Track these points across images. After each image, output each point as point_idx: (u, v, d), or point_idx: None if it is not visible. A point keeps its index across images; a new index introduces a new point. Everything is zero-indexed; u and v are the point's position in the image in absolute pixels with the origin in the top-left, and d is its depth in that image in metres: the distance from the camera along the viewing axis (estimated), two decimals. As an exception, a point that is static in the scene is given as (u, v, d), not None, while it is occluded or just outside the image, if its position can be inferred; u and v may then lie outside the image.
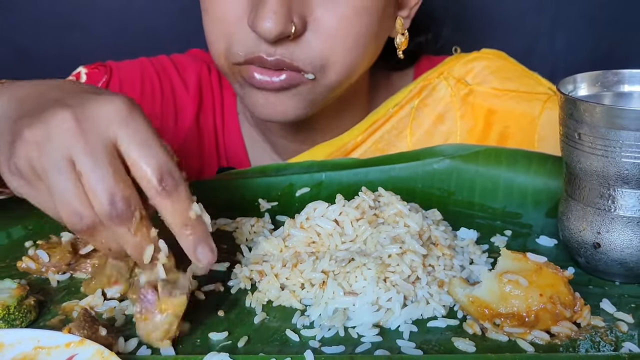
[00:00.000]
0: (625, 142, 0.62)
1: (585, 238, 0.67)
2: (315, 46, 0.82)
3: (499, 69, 0.97)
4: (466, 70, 0.97)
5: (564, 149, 0.68)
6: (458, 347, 0.58)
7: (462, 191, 0.85)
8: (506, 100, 0.95)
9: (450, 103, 0.95)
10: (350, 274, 0.64)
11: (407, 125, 0.95)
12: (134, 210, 0.56)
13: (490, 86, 0.96)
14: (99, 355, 0.52)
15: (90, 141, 0.55)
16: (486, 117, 0.95)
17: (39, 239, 0.75)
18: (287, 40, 0.81)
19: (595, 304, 0.63)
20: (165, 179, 0.56)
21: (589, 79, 0.71)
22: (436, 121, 0.95)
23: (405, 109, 0.96)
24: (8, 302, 0.63)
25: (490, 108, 0.95)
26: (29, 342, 0.54)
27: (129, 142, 0.56)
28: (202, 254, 0.57)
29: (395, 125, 0.95)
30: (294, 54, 0.82)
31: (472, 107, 0.95)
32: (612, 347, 0.57)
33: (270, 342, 0.59)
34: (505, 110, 0.94)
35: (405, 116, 0.96)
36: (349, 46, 0.83)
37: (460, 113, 0.95)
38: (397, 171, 0.87)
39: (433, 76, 0.98)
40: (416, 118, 0.95)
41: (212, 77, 1.07)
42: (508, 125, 0.94)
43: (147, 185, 0.56)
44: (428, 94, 0.96)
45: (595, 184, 0.65)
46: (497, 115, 0.95)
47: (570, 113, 0.65)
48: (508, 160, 0.85)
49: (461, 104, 0.95)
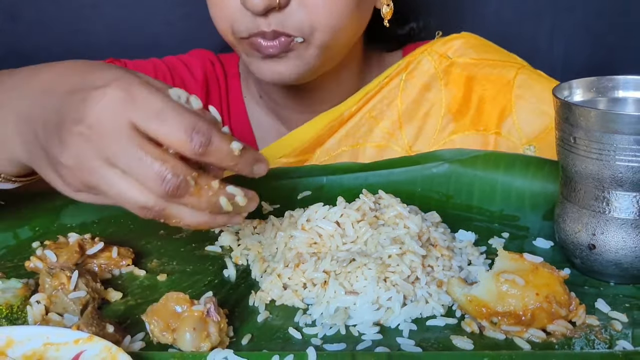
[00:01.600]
0: (620, 146, 0.64)
1: (581, 239, 0.68)
2: (300, 14, 0.90)
3: (476, 45, 1.07)
4: (447, 47, 1.06)
5: (560, 152, 0.70)
6: (456, 345, 0.59)
7: (460, 194, 0.86)
8: (483, 67, 1.04)
9: (435, 74, 1.04)
10: (351, 274, 0.66)
11: (397, 95, 1.03)
12: (186, 176, 0.57)
13: (469, 57, 1.05)
14: (106, 351, 0.54)
15: (110, 141, 0.57)
16: (466, 83, 1.03)
17: (46, 239, 0.76)
18: (274, 11, 0.89)
19: (591, 303, 0.64)
20: (194, 137, 0.56)
21: (585, 85, 0.73)
22: (423, 90, 1.04)
23: (394, 81, 1.05)
24: (12, 301, 0.64)
25: (469, 75, 1.04)
26: (38, 338, 0.56)
27: (143, 120, 0.57)
28: (259, 169, 0.61)
29: (386, 95, 1.04)
30: (284, 23, 0.90)
31: (454, 77, 1.04)
32: (607, 345, 0.59)
33: (273, 339, 0.61)
34: (483, 76, 1.03)
35: (395, 87, 1.04)
36: (332, 11, 0.91)
37: (443, 82, 1.04)
38: (397, 175, 0.88)
39: (418, 52, 1.06)
40: (405, 89, 1.04)
41: (217, 68, 1.16)
42: (486, 88, 1.03)
43: (183, 151, 0.57)
44: (414, 67, 1.05)
45: (590, 186, 0.67)
46: (476, 81, 1.04)
47: (566, 117, 0.67)
48: (506, 165, 0.86)
49: (444, 74, 1.04)
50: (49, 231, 0.81)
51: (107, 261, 0.73)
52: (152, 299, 0.66)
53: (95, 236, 0.75)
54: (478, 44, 1.07)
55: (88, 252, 0.72)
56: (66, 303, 0.64)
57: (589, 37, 1.44)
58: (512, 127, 1.00)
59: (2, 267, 0.74)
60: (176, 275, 0.72)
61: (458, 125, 1.02)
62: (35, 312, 0.63)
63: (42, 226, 0.82)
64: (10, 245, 0.79)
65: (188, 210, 0.59)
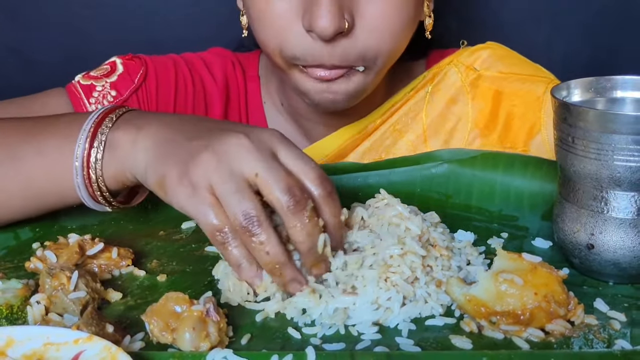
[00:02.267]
0: (618, 146, 0.64)
1: (579, 239, 0.68)
2: (365, 40, 0.88)
3: (503, 56, 1.05)
4: (474, 58, 1.05)
5: (558, 152, 0.70)
6: (455, 344, 0.59)
7: (459, 195, 0.86)
8: (512, 82, 1.02)
9: (461, 87, 1.03)
10: (352, 275, 0.66)
11: (422, 108, 1.02)
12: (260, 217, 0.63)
13: (497, 70, 1.03)
14: (106, 351, 0.54)
15: (262, 156, 0.64)
16: (494, 98, 1.02)
17: (46, 240, 0.77)
18: (340, 36, 0.86)
19: (589, 303, 0.64)
20: (324, 184, 0.65)
21: (583, 85, 0.73)
22: (449, 103, 1.03)
23: (420, 93, 1.03)
24: (12, 301, 0.64)
25: (497, 90, 1.02)
26: (38, 338, 0.56)
27: (286, 155, 0.65)
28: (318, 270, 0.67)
29: (412, 108, 1.03)
30: (348, 52, 0.88)
31: (481, 90, 1.02)
32: (605, 345, 0.59)
33: (272, 339, 0.61)
34: (512, 91, 1.01)
35: (420, 100, 1.03)
36: (394, 36, 0.90)
37: (470, 96, 1.02)
38: (396, 175, 0.88)
39: (444, 63, 1.05)
40: (430, 102, 1.02)
41: (237, 71, 1.13)
42: (515, 104, 1.01)
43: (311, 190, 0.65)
44: (440, 79, 1.03)
45: (588, 186, 0.67)
46: (504, 96, 1.02)
47: (564, 118, 0.67)
48: (505, 165, 0.87)
49: (471, 88, 1.03)
50: (49, 232, 0.81)
51: (107, 262, 0.73)
52: (151, 299, 0.66)
53: (95, 237, 0.75)
54: (505, 55, 1.06)
55: (88, 252, 0.72)
56: (66, 303, 0.64)
57: (589, 37, 1.44)
58: (541, 145, 0.99)
59: (2, 268, 0.74)
60: (176, 275, 0.73)
61: (485, 141, 1.01)
62: (35, 313, 0.63)
63: (43, 227, 0.82)
64: (11, 246, 0.79)
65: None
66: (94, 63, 1.09)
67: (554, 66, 1.44)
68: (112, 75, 1.04)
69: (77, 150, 0.72)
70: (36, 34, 1.42)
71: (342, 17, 0.85)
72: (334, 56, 0.87)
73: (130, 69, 1.06)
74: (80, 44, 1.42)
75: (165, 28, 1.42)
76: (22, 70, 1.44)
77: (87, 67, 1.07)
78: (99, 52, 1.37)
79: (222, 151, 0.65)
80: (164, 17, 1.42)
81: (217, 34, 1.20)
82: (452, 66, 1.04)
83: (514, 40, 1.43)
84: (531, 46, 1.45)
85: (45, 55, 1.42)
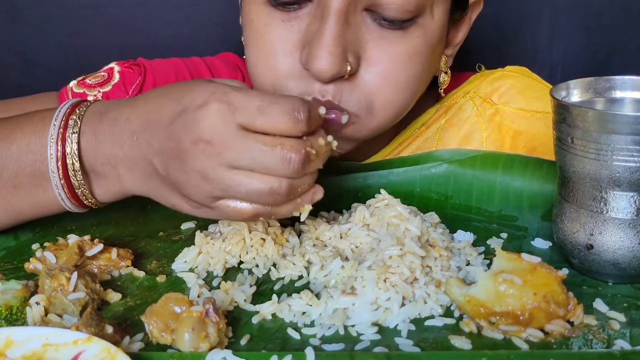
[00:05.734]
0: (617, 146, 0.64)
1: (579, 239, 0.68)
2: (366, 86, 0.79)
3: (525, 88, 0.96)
4: (492, 89, 0.96)
5: (558, 153, 0.70)
6: (455, 344, 0.59)
7: (459, 195, 0.86)
8: (533, 121, 0.93)
9: (477, 123, 0.94)
10: (351, 275, 0.66)
11: (433, 146, 0.94)
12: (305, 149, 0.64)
13: (516, 106, 0.94)
14: (106, 352, 0.54)
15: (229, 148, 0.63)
16: (513, 138, 0.93)
17: (46, 241, 0.77)
18: (340, 79, 0.78)
19: (589, 303, 0.64)
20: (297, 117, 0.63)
21: (582, 85, 0.73)
22: (462, 142, 0.94)
23: (431, 129, 0.95)
24: (11, 302, 0.64)
25: (517, 129, 0.93)
26: (37, 339, 0.56)
27: (249, 119, 0.63)
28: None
29: (421, 146, 0.94)
30: (343, 94, 0.79)
31: (498, 128, 0.94)
32: (605, 345, 0.59)
33: (272, 340, 0.61)
34: (532, 132, 0.93)
35: (431, 136, 0.95)
36: (399, 88, 0.81)
37: (486, 134, 0.94)
38: (396, 175, 0.88)
39: (459, 95, 0.97)
40: (442, 138, 0.94)
41: (246, 77, 1.06)
42: (535, 147, 0.92)
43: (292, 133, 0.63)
44: (454, 113, 0.95)
45: (588, 186, 0.67)
46: (523, 136, 0.93)
47: (564, 118, 0.67)
48: (504, 165, 0.86)
49: (487, 124, 0.94)
50: (48, 233, 0.81)
51: (107, 262, 0.73)
52: (151, 300, 0.66)
53: (94, 238, 0.75)
54: (527, 86, 0.96)
55: (87, 253, 0.72)
56: (65, 304, 0.64)
57: (589, 37, 1.44)
58: None
59: (1, 269, 0.74)
60: (175, 276, 0.73)
61: None
62: (35, 313, 0.63)
63: (42, 228, 0.82)
64: (10, 247, 0.79)
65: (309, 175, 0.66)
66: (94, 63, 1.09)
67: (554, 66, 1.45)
68: (106, 84, 1.01)
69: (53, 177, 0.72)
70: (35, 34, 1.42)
71: (344, 60, 0.76)
72: (326, 94, 0.79)
73: (127, 79, 1.02)
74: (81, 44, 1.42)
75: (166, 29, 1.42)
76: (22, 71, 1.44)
77: (87, 67, 1.06)
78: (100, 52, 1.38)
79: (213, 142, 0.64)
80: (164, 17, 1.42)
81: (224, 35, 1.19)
82: (468, 99, 0.95)
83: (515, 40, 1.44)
84: (531, 46, 1.45)
85: (45, 57, 1.42)
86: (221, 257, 0.73)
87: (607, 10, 1.44)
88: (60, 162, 0.71)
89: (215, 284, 0.70)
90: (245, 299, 0.66)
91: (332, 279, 0.68)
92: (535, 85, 0.98)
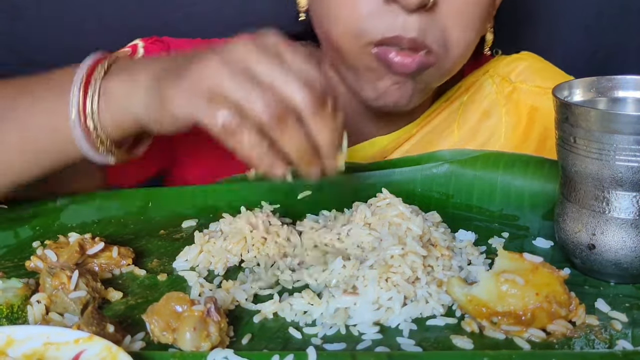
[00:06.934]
0: (619, 146, 0.64)
1: (581, 239, 0.68)
2: (442, 20, 0.83)
3: (540, 69, 1.02)
4: (510, 69, 1.02)
5: (560, 152, 0.70)
6: (456, 344, 0.59)
7: (460, 194, 0.86)
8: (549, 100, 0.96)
9: (496, 100, 0.99)
10: (353, 275, 0.66)
11: (455, 120, 0.99)
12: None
13: (533, 84, 1.00)
14: (107, 351, 0.54)
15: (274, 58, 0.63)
16: (530, 114, 0.99)
17: (46, 239, 0.77)
18: (422, 10, 0.81)
19: (591, 303, 0.64)
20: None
21: (584, 85, 0.73)
22: (482, 117, 0.99)
23: (454, 104, 1.00)
24: (13, 301, 0.64)
25: (533, 105, 0.99)
26: (38, 338, 0.56)
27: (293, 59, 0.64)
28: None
29: (445, 118, 0.99)
30: (426, 30, 0.83)
31: (516, 104, 0.99)
32: (607, 345, 0.59)
33: (273, 339, 0.61)
34: (547, 110, 0.94)
35: (454, 111, 1.00)
36: (469, 26, 0.85)
37: (505, 109, 0.99)
38: (397, 175, 0.88)
39: (479, 74, 1.02)
40: (464, 112, 0.99)
41: None
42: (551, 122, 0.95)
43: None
44: (475, 90, 1.00)
45: (590, 186, 0.67)
46: (539, 113, 0.99)
47: (566, 117, 0.67)
48: (505, 165, 0.86)
49: (506, 101, 0.99)
50: (49, 231, 0.81)
51: (108, 261, 0.73)
52: (152, 299, 0.66)
53: (95, 236, 0.75)
54: (542, 68, 1.03)
55: (88, 251, 0.72)
56: (66, 303, 0.64)
57: (589, 37, 1.44)
58: None
59: (2, 267, 0.74)
60: (176, 274, 0.73)
61: None
62: (36, 312, 0.63)
63: (43, 226, 0.82)
64: (11, 245, 0.79)
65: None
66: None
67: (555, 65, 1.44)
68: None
69: (72, 100, 0.72)
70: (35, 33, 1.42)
71: None
72: (413, 29, 0.82)
73: (151, 52, 1.02)
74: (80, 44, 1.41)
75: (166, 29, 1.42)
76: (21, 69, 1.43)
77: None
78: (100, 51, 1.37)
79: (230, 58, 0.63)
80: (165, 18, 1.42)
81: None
82: (488, 77, 1.01)
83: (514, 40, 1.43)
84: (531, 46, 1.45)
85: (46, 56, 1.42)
86: (222, 255, 0.73)
87: (607, 10, 1.44)
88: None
89: (216, 282, 0.70)
90: (246, 298, 0.66)
91: (333, 278, 0.67)
92: (550, 67, 1.04)
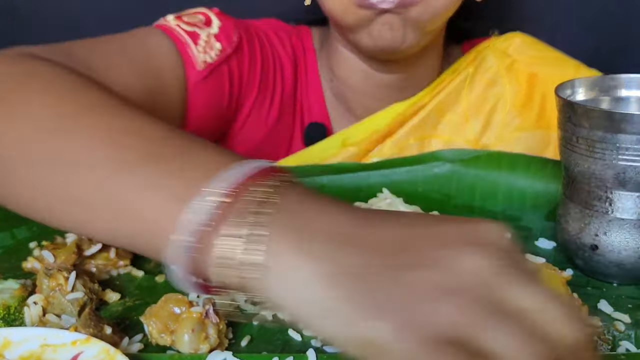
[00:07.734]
0: (623, 146, 0.63)
1: (583, 240, 0.68)
2: None
3: (532, 42, 1.10)
4: (507, 44, 1.08)
5: (563, 152, 0.69)
6: (458, 346, 0.59)
7: (462, 195, 0.86)
8: (544, 66, 1.06)
9: (499, 71, 1.06)
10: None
11: (463, 88, 1.05)
12: None
13: (529, 55, 1.07)
14: (105, 353, 0.53)
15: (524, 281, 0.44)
16: (529, 80, 1.05)
17: (43, 239, 0.76)
18: None
19: (593, 304, 0.64)
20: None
21: (587, 84, 0.73)
22: (487, 86, 1.05)
23: (462, 75, 1.06)
24: (9, 302, 0.64)
25: (531, 72, 1.05)
26: (35, 340, 0.55)
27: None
28: None
29: (455, 88, 1.05)
30: None
31: (516, 74, 1.06)
32: (610, 346, 0.58)
33: (273, 341, 0.60)
34: (545, 74, 1.05)
35: (462, 82, 1.05)
36: None
37: (507, 79, 1.05)
38: (398, 175, 0.88)
39: (482, 48, 1.08)
40: (470, 83, 1.05)
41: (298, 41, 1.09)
42: (549, 87, 1.02)
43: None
44: (479, 63, 1.07)
45: (593, 186, 0.66)
46: (538, 78, 1.04)
47: (569, 117, 0.67)
48: (508, 165, 0.86)
49: (507, 72, 1.06)
50: (46, 231, 0.80)
51: (105, 262, 0.72)
52: (150, 300, 0.65)
53: (93, 236, 0.74)
54: (535, 42, 1.10)
55: (86, 252, 0.71)
56: (64, 304, 0.63)
57: (590, 37, 1.44)
58: None
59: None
60: (175, 276, 0.72)
61: (523, 120, 1.03)
62: (33, 313, 0.62)
63: (40, 226, 0.81)
64: (7, 246, 0.78)
65: None
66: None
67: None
68: (211, 26, 0.95)
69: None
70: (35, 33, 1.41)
71: None
72: None
73: (226, 24, 0.96)
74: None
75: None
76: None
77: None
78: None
79: (468, 278, 0.43)
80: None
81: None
82: (489, 52, 1.07)
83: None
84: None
85: (45, 55, 1.42)
86: None
87: (611, 7, 1.43)
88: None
89: (216, 284, 0.70)
90: (245, 300, 0.66)
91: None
92: (541, 42, 1.11)
